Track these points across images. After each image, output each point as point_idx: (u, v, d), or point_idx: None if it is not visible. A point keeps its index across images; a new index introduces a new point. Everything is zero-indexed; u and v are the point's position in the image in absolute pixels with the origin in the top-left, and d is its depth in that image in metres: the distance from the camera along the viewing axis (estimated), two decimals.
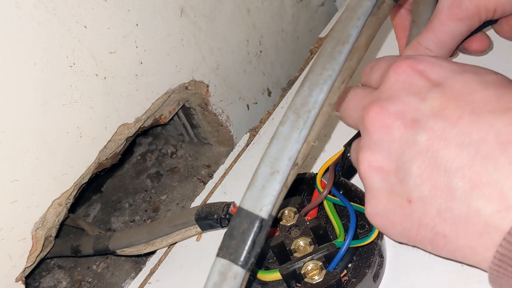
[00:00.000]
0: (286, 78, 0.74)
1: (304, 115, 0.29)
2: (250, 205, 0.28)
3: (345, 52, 0.30)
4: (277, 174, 0.28)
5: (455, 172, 0.28)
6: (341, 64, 0.30)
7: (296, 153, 0.29)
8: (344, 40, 0.31)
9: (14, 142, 0.43)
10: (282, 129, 0.29)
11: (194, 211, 0.43)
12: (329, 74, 0.30)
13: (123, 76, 0.50)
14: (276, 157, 0.29)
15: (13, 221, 0.45)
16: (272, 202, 0.28)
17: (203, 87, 0.59)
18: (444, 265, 0.37)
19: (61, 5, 0.43)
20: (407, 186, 0.30)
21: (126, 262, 0.56)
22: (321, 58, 0.31)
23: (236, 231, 0.28)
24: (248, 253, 0.28)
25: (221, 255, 0.28)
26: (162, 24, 0.52)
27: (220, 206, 0.42)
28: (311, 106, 0.29)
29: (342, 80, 0.30)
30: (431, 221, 0.29)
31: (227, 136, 0.65)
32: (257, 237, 0.28)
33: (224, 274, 0.28)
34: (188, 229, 0.44)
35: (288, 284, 0.37)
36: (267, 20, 0.67)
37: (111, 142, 0.51)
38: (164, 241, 0.45)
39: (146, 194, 0.63)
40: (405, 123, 0.30)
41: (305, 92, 0.30)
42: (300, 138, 0.29)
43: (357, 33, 0.31)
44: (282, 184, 0.28)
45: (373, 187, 0.32)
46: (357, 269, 0.37)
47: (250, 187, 0.29)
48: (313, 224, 0.39)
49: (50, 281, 0.57)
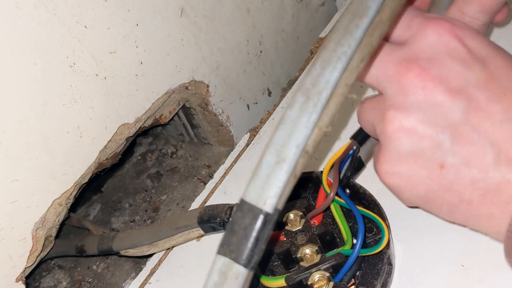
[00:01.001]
0: (286, 78, 0.74)
1: (315, 96, 0.26)
2: (253, 198, 0.25)
3: (363, 26, 0.27)
4: (283, 162, 0.25)
5: (494, 145, 0.28)
6: (358, 40, 0.27)
7: (305, 139, 0.26)
8: (361, 14, 0.27)
9: (14, 142, 0.43)
10: (290, 113, 0.26)
11: (196, 213, 0.42)
12: (344, 51, 0.26)
13: (123, 76, 0.50)
14: (283, 144, 0.25)
15: (13, 221, 0.45)
16: (277, 195, 0.25)
17: (203, 87, 0.59)
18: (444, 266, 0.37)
19: (61, 5, 0.42)
20: (441, 152, 0.29)
21: (126, 262, 0.56)
22: (335, 33, 0.27)
23: (238, 226, 0.25)
24: (251, 251, 0.25)
25: (221, 253, 0.26)
26: (162, 24, 0.52)
27: (223, 209, 0.40)
28: (322, 86, 0.26)
29: (361, 58, 0.27)
30: (461, 188, 0.30)
31: (227, 136, 0.65)
32: (260, 233, 0.25)
33: (225, 274, 0.25)
34: (191, 232, 0.43)
35: None
36: (267, 20, 0.67)
37: (111, 142, 0.51)
38: (167, 243, 0.45)
39: (146, 194, 0.63)
40: (449, 89, 0.29)
41: (317, 71, 0.26)
42: (310, 123, 0.26)
43: (378, 5, 0.27)
44: (289, 174, 0.25)
45: (399, 148, 0.31)
46: (364, 277, 0.36)
47: (254, 177, 0.26)
48: (320, 230, 0.38)
49: (50, 281, 0.57)
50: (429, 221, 0.40)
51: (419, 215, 0.40)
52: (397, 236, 0.40)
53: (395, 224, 0.40)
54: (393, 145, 0.31)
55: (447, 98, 0.29)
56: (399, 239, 0.40)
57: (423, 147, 0.30)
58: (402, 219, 0.41)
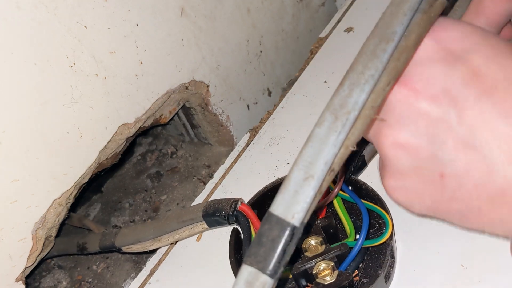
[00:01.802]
0: (286, 78, 0.74)
1: (343, 117, 0.27)
2: (282, 211, 0.26)
3: (389, 50, 0.28)
4: (311, 179, 0.26)
5: (493, 145, 0.27)
6: (385, 63, 0.28)
7: (332, 158, 0.27)
8: (388, 38, 0.28)
9: (15, 142, 0.43)
10: (319, 131, 0.27)
11: (201, 207, 0.42)
12: (372, 74, 0.27)
13: (123, 76, 0.50)
14: (311, 161, 0.26)
15: (13, 221, 0.45)
16: (305, 210, 0.26)
17: (203, 87, 0.59)
18: (444, 266, 0.37)
19: (61, 5, 0.43)
20: (439, 161, 0.28)
21: (126, 262, 0.56)
22: (362, 56, 0.28)
23: (266, 238, 0.26)
24: (277, 262, 0.26)
25: (248, 263, 0.26)
26: (162, 24, 0.52)
27: (228, 203, 0.41)
28: (351, 107, 0.27)
29: (387, 81, 0.28)
30: (466, 195, 0.28)
31: (227, 136, 0.65)
32: (287, 246, 0.26)
33: (251, 283, 0.26)
34: (195, 226, 0.43)
35: (298, 283, 0.37)
36: (267, 20, 0.67)
37: (111, 142, 0.51)
38: (171, 238, 0.45)
39: (146, 194, 0.63)
40: (433, 95, 0.28)
41: (345, 92, 0.27)
42: (338, 142, 0.27)
43: (403, 30, 0.28)
44: (316, 191, 0.26)
45: (398, 164, 0.30)
46: (367, 270, 0.37)
47: (282, 191, 0.27)
48: (324, 223, 0.38)
49: (50, 281, 0.57)
50: (430, 221, 0.40)
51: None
52: (398, 236, 0.40)
53: (395, 224, 0.40)
54: (392, 162, 0.30)
55: (431, 104, 0.28)
56: (399, 239, 0.40)
57: (420, 159, 0.29)
58: (402, 219, 0.41)
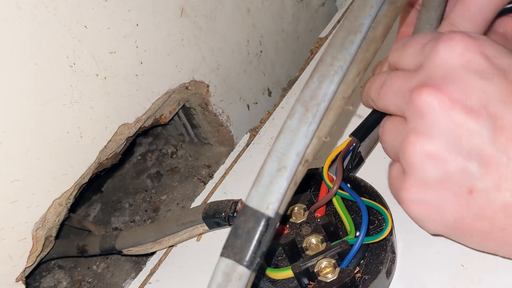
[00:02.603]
0: (287, 78, 0.74)
1: (313, 108, 0.27)
2: (256, 203, 0.27)
3: (357, 42, 0.28)
4: (284, 170, 0.27)
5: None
6: (353, 55, 0.28)
7: (304, 148, 0.27)
8: (356, 30, 0.29)
9: (15, 142, 0.43)
10: (290, 123, 0.27)
11: (201, 209, 0.42)
12: (340, 65, 0.28)
13: (124, 76, 0.50)
14: (283, 152, 0.27)
15: (13, 221, 0.45)
16: (279, 200, 0.27)
17: (203, 87, 0.59)
18: (444, 266, 0.37)
19: (61, 5, 0.43)
20: (469, 176, 0.28)
21: (126, 262, 0.56)
22: (331, 48, 0.28)
23: (241, 230, 0.27)
24: (253, 253, 0.26)
25: (225, 255, 0.27)
26: (162, 24, 0.52)
27: (228, 204, 0.41)
28: (320, 98, 0.27)
29: (357, 72, 0.28)
30: (493, 214, 0.28)
31: (228, 136, 0.65)
32: (263, 237, 0.26)
33: (228, 275, 0.27)
34: (195, 228, 0.43)
35: (300, 282, 0.37)
36: (268, 20, 0.67)
37: (112, 142, 0.51)
38: (171, 240, 0.45)
39: (146, 194, 0.63)
40: (469, 108, 0.27)
41: (314, 84, 0.28)
42: (309, 133, 0.27)
43: (370, 22, 0.29)
44: (289, 181, 0.27)
45: (424, 175, 0.29)
46: (369, 266, 0.37)
47: (256, 183, 0.27)
48: (324, 221, 0.38)
49: (51, 281, 0.57)
50: None
51: None
52: (398, 236, 0.40)
53: (395, 223, 0.40)
54: (417, 172, 0.29)
55: (468, 117, 0.27)
56: (399, 239, 0.40)
57: (449, 172, 0.28)
58: (402, 219, 0.41)
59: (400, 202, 0.31)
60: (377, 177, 0.44)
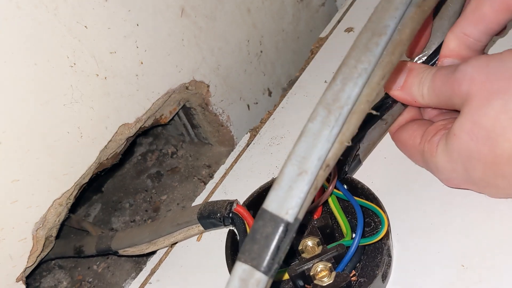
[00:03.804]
0: (287, 78, 0.74)
1: (336, 111, 0.26)
2: (275, 207, 0.26)
3: (382, 44, 0.28)
4: (305, 174, 0.26)
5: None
6: (378, 57, 0.27)
7: (326, 153, 0.26)
8: (380, 32, 0.28)
9: (15, 142, 0.43)
10: (312, 126, 0.26)
11: (196, 209, 0.42)
12: (365, 67, 0.27)
13: (124, 76, 0.50)
14: (305, 155, 0.26)
15: (13, 221, 0.45)
16: (299, 205, 0.26)
17: (203, 87, 0.59)
18: (444, 266, 0.37)
19: (61, 5, 0.43)
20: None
21: (126, 262, 0.56)
22: (355, 50, 0.28)
23: (259, 234, 0.26)
24: (271, 259, 0.25)
25: (242, 260, 0.26)
26: (162, 24, 0.52)
27: (223, 205, 0.41)
28: (343, 102, 0.26)
29: (382, 75, 0.28)
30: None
31: (228, 136, 0.65)
32: (281, 242, 0.26)
33: (245, 281, 0.26)
34: (191, 228, 0.43)
35: (295, 285, 0.37)
36: (268, 20, 0.67)
37: (112, 142, 0.51)
38: (166, 241, 0.45)
39: (146, 194, 0.63)
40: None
41: (337, 86, 0.27)
42: (331, 137, 0.26)
43: (396, 23, 0.28)
44: (310, 186, 0.26)
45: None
46: (365, 269, 0.37)
47: (275, 187, 0.26)
48: (321, 223, 0.38)
49: (51, 281, 0.57)
50: (429, 221, 0.40)
51: (419, 215, 0.40)
52: (397, 236, 0.40)
53: (394, 224, 0.40)
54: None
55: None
56: (398, 239, 0.40)
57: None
58: (402, 220, 0.41)
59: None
60: (378, 181, 0.44)
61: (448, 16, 0.42)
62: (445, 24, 0.42)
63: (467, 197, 0.39)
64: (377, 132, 0.42)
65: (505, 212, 0.38)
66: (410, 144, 0.40)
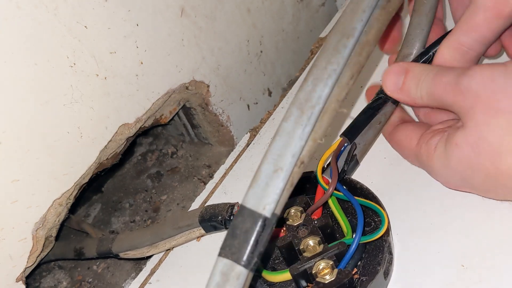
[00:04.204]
0: (287, 78, 0.74)
1: (308, 110, 0.28)
2: (253, 204, 0.28)
3: (350, 46, 0.29)
4: (280, 171, 0.28)
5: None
6: (346, 58, 0.29)
7: (299, 150, 0.28)
8: (348, 34, 0.30)
9: (15, 142, 0.43)
10: (285, 125, 0.28)
11: (197, 212, 0.42)
12: (334, 68, 0.29)
13: (124, 76, 0.50)
14: (280, 153, 0.28)
15: (13, 221, 0.45)
16: (275, 201, 0.27)
17: (203, 87, 0.59)
18: (444, 266, 0.37)
19: (61, 5, 0.43)
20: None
21: (126, 262, 0.56)
22: (325, 52, 0.29)
23: (239, 230, 0.27)
24: (251, 253, 0.27)
25: (223, 255, 0.27)
26: (162, 24, 0.52)
27: (224, 208, 0.41)
28: (315, 101, 0.28)
29: (350, 75, 0.29)
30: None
31: (228, 136, 0.65)
32: (260, 237, 0.27)
33: (226, 274, 0.27)
34: (192, 231, 0.43)
35: (297, 284, 0.37)
36: (268, 20, 0.67)
37: (112, 142, 0.51)
38: (168, 244, 0.45)
39: (146, 194, 0.63)
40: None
41: (309, 87, 0.29)
42: (304, 135, 0.28)
43: (362, 26, 0.30)
44: (285, 182, 0.28)
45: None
46: (366, 267, 0.37)
47: (253, 184, 0.28)
48: (321, 223, 0.38)
49: (51, 281, 0.57)
50: (429, 221, 0.40)
51: (419, 215, 0.40)
52: (397, 236, 0.40)
53: (394, 224, 0.40)
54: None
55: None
56: (398, 239, 0.40)
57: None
58: (402, 220, 0.41)
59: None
60: (378, 181, 0.44)
61: (425, 12, 0.42)
62: (423, 21, 0.42)
63: (467, 197, 0.39)
64: (372, 132, 0.42)
65: (505, 212, 0.38)
66: (406, 145, 0.40)
